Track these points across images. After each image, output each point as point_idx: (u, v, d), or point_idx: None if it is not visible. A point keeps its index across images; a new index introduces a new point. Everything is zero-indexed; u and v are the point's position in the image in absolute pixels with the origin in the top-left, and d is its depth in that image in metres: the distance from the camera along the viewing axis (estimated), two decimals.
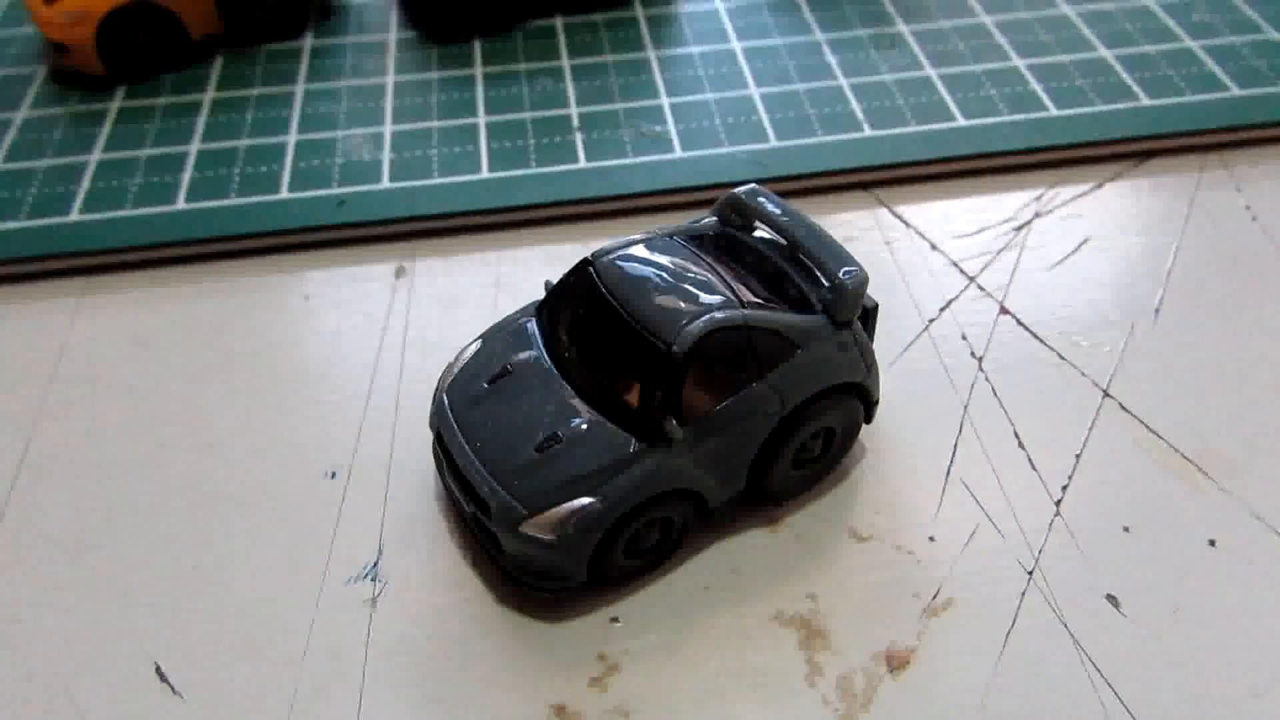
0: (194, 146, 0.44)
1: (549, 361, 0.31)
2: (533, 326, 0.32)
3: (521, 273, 0.41)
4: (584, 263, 0.31)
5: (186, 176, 0.43)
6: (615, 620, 0.30)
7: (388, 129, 0.45)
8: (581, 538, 0.28)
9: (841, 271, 0.31)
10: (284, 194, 0.42)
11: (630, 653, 0.29)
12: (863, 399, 0.32)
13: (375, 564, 0.31)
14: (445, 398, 0.31)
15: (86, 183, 0.43)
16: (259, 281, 0.40)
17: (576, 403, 0.30)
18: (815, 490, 0.33)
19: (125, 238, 0.40)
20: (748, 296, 0.30)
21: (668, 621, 0.30)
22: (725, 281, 0.31)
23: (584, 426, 0.29)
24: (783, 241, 0.32)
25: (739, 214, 0.33)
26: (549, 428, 0.29)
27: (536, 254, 0.41)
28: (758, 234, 0.33)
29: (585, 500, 0.28)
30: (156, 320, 0.39)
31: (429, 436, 0.34)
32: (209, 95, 0.47)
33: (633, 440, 0.29)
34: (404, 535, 0.32)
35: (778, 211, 0.32)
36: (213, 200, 0.42)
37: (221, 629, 0.30)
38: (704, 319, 0.29)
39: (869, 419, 0.33)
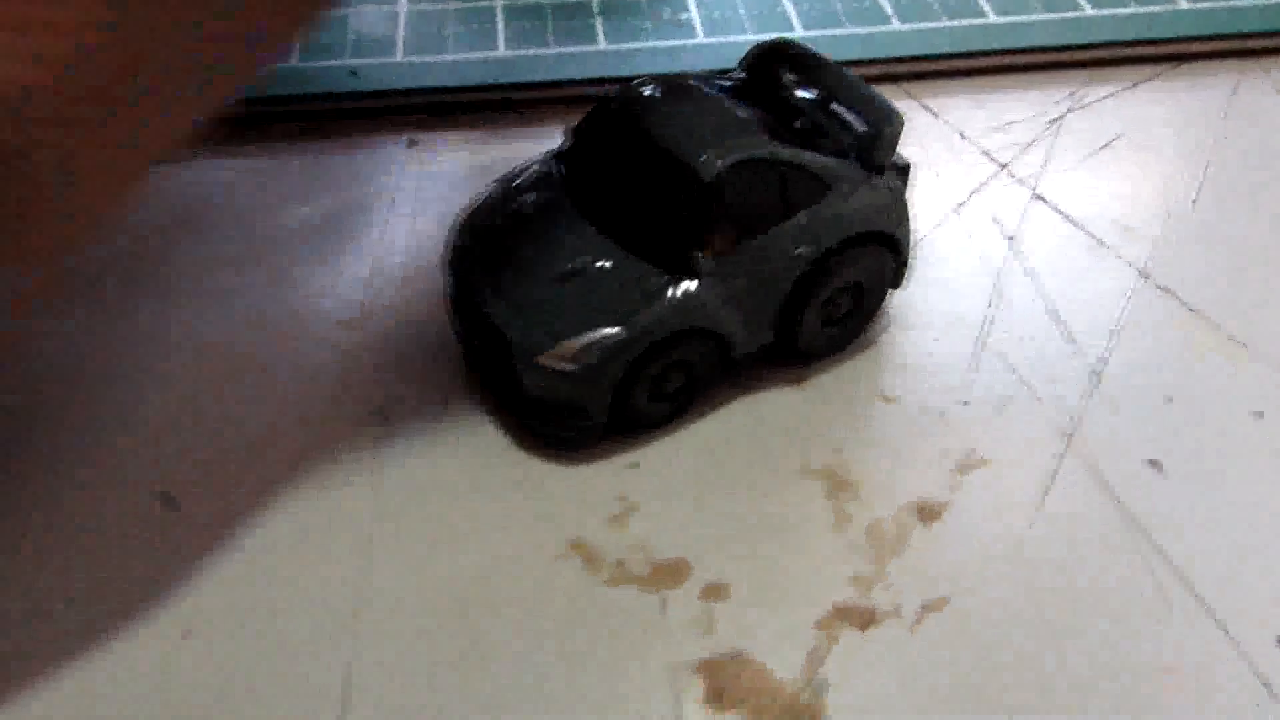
0: None
1: (570, 200, 0.29)
2: (552, 168, 0.31)
3: (537, 151, 0.39)
4: (608, 98, 0.30)
5: None
6: (634, 466, 0.29)
7: (402, 8, 0.44)
8: (604, 368, 0.27)
9: (877, 114, 0.29)
10: (294, 62, 0.41)
11: (650, 495, 0.28)
12: (894, 254, 0.31)
13: (383, 407, 0.30)
14: (460, 236, 0.30)
15: None
16: (266, 147, 0.39)
17: (599, 238, 0.28)
18: (842, 355, 0.32)
19: None
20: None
21: (689, 469, 0.29)
22: (755, 121, 0.29)
23: (607, 261, 0.28)
24: (812, 95, 0.31)
25: (768, 63, 0.32)
26: (570, 261, 0.28)
27: (551, 132, 0.40)
28: (785, 91, 0.32)
29: (609, 329, 0.27)
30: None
31: (439, 290, 0.33)
32: None
33: (658, 273, 0.28)
34: (413, 381, 0.31)
35: (809, 59, 0.31)
36: None
37: (228, 458, 0.29)
38: (735, 149, 0.28)
39: (898, 281, 0.32)
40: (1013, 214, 0.37)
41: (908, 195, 0.31)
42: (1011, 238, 0.36)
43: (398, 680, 0.24)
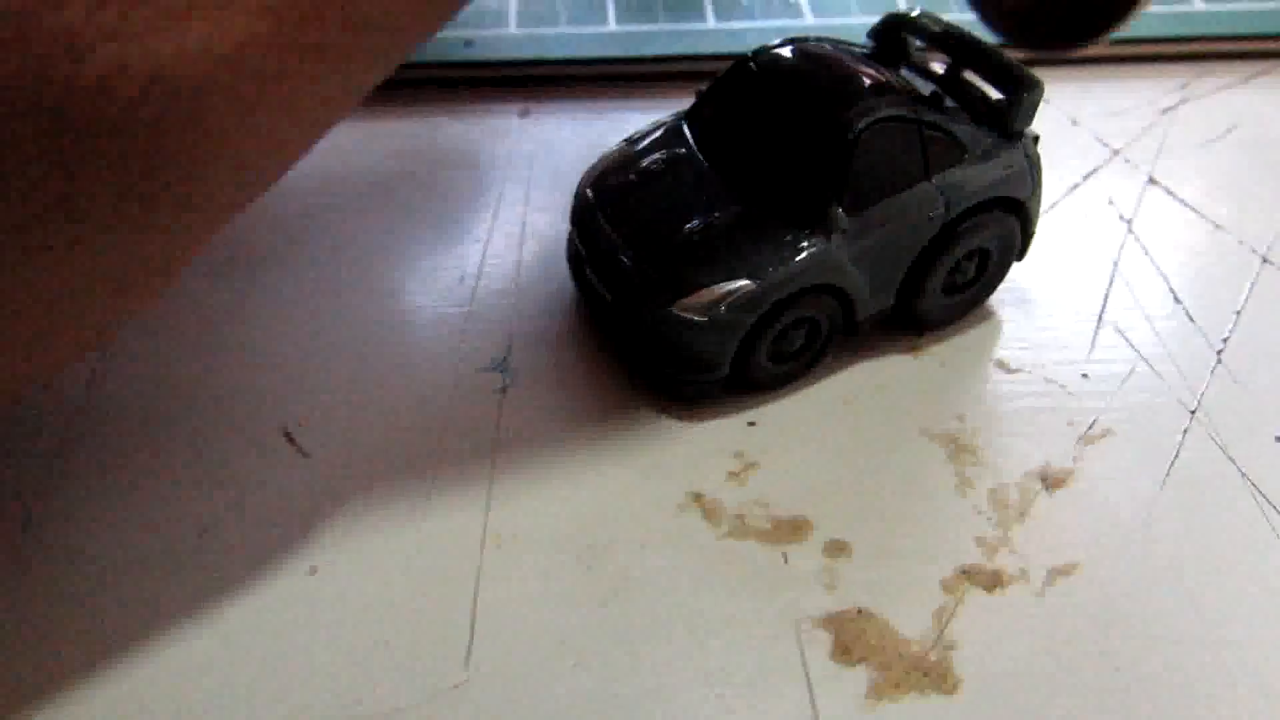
0: None
1: (702, 156, 0.30)
2: (682, 127, 0.31)
3: (645, 123, 0.39)
4: (744, 59, 0.30)
5: None
6: (752, 424, 0.29)
7: None
8: (734, 320, 0.27)
9: (1014, 80, 0.29)
10: None
11: (769, 452, 0.28)
12: (1022, 222, 0.30)
13: (505, 359, 0.30)
14: (590, 190, 0.30)
15: None
16: (384, 112, 0.39)
17: (731, 194, 0.28)
18: (958, 325, 0.32)
19: None
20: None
21: (807, 428, 0.29)
22: (893, 83, 0.29)
23: (740, 215, 0.28)
24: (944, 63, 0.31)
25: (896, 33, 0.32)
26: (703, 214, 0.28)
27: (661, 105, 0.40)
28: (915, 59, 0.32)
29: (741, 281, 0.27)
30: None
31: (554, 252, 0.33)
32: None
33: (791, 228, 0.27)
34: (532, 336, 0.31)
35: (939, 28, 0.31)
36: None
37: (352, 401, 0.29)
38: (876, 107, 0.28)
39: (1023, 253, 0.31)
40: (1128, 197, 0.36)
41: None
42: (1128, 219, 0.35)
43: (523, 620, 0.24)
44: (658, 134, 0.31)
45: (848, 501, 0.27)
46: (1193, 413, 0.29)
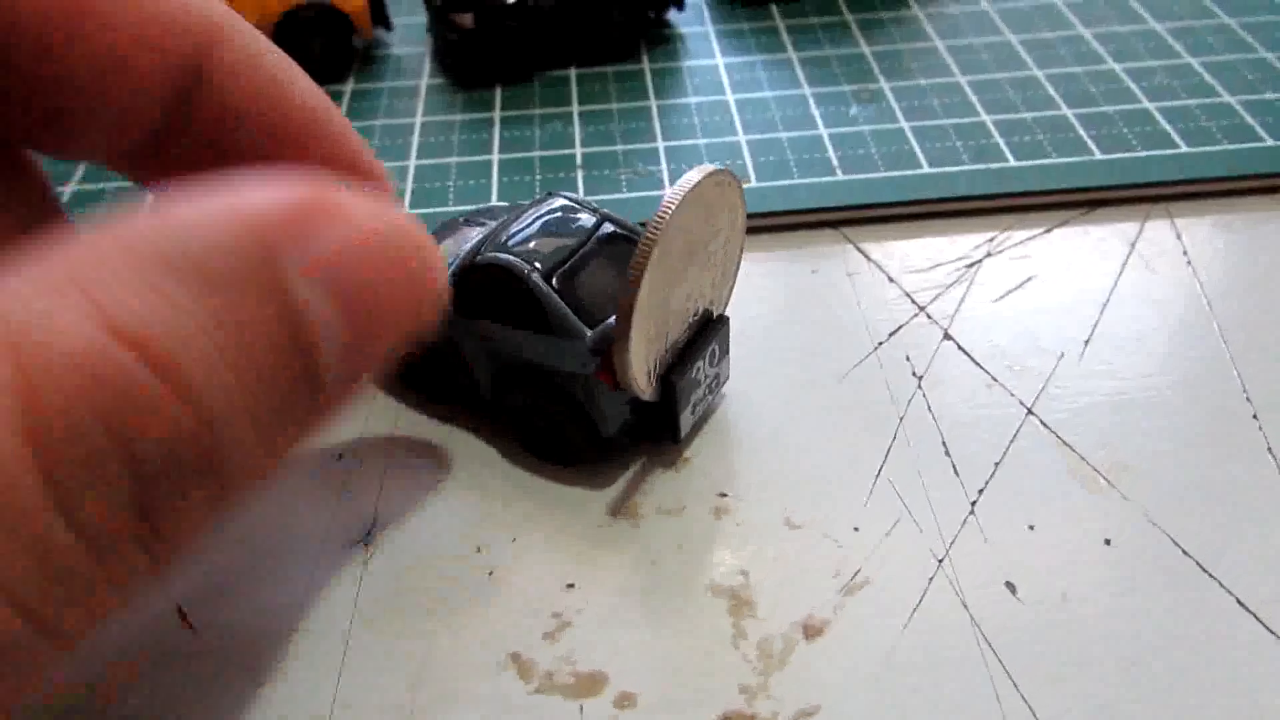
0: None
1: None
2: None
3: None
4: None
5: None
6: (571, 586, 0.35)
7: (412, 163, 0.51)
8: None
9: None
10: None
11: (581, 612, 0.34)
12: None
13: (369, 531, 0.36)
14: None
15: None
16: None
17: None
18: (757, 485, 0.38)
19: None
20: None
21: (617, 588, 0.35)
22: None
23: None
24: None
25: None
26: None
27: None
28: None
29: None
30: None
31: (421, 421, 0.39)
32: None
33: None
34: (396, 505, 0.37)
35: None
36: None
37: (238, 580, 0.35)
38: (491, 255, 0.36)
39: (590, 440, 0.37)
40: (924, 353, 0.42)
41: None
42: (920, 376, 0.41)
43: None
44: None
45: (641, 655, 0.33)
46: (940, 562, 0.35)
